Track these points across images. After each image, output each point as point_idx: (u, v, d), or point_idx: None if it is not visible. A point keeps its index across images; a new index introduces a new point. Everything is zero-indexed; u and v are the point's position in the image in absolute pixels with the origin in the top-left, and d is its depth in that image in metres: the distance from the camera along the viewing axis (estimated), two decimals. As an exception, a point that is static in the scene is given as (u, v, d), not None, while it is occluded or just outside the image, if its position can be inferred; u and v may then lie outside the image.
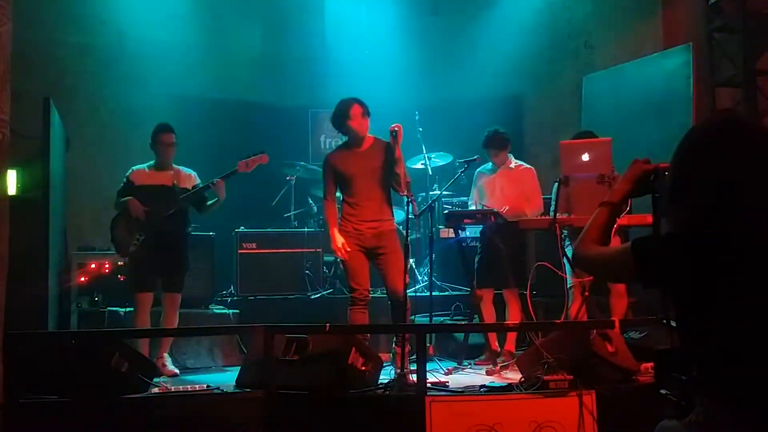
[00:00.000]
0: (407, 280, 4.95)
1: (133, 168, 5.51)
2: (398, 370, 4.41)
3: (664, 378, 1.85)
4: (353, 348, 4.21)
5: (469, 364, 5.51)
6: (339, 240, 5.00)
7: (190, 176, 5.54)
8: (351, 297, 5.06)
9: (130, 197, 5.33)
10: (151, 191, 5.37)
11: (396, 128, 4.87)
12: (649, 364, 4.54)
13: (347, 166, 5.06)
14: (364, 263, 5.07)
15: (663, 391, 1.83)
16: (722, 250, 1.73)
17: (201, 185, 5.48)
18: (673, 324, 1.84)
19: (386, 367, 4.71)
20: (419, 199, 6.86)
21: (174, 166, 5.52)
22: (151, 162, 5.52)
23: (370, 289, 5.14)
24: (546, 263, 5.21)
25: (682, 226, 1.82)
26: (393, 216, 5.23)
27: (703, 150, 1.81)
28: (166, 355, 5.33)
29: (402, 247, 4.97)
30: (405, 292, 4.92)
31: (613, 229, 2.09)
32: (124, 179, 5.47)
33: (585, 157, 4.94)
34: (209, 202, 5.50)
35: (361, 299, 5.02)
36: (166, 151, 5.44)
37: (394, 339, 5.14)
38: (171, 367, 5.30)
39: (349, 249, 4.98)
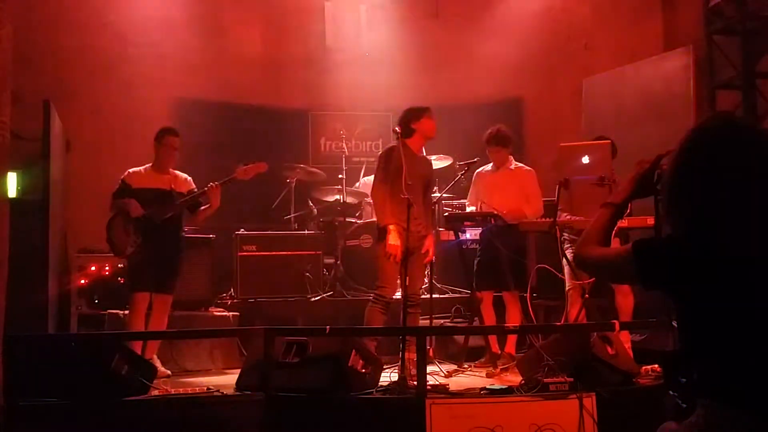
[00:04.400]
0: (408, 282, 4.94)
1: (130, 170, 5.46)
2: (400, 373, 4.41)
3: (672, 380, 1.84)
4: (353, 350, 4.21)
5: (470, 366, 5.50)
6: (397, 241, 4.94)
7: (187, 180, 5.53)
8: (377, 295, 5.05)
9: (130, 198, 5.30)
10: (150, 194, 5.34)
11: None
12: (649, 367, 4.55)
13: (409, 165, 5.00)
14: (400, 267, 5.06)
15: (671, 392, 1.83)
16: (722, 253, 1.72)
17: (197, 190, 5.46)
18: (675, 325, 1.84)
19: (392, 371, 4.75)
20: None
21: (170, 170, 5.50)
22: (149, 165, 5.49)
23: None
24: (546, 265, 5.21)
25: (683, 229, 1.81)
26: None
27: (702, 153, 1.80)
28: (155, 356, 5.29)
29: None
30: (420, 294, 5.02)
31: (613, 231, 2.09)
32: (121, 181, 5.42)
33: (584, 159, 4.94)
34: (202, 207, 5.45)
35: (387, 300, 5.04)
36: (171, 154, 5.42)
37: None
38: (162, 368, 5.27)
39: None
